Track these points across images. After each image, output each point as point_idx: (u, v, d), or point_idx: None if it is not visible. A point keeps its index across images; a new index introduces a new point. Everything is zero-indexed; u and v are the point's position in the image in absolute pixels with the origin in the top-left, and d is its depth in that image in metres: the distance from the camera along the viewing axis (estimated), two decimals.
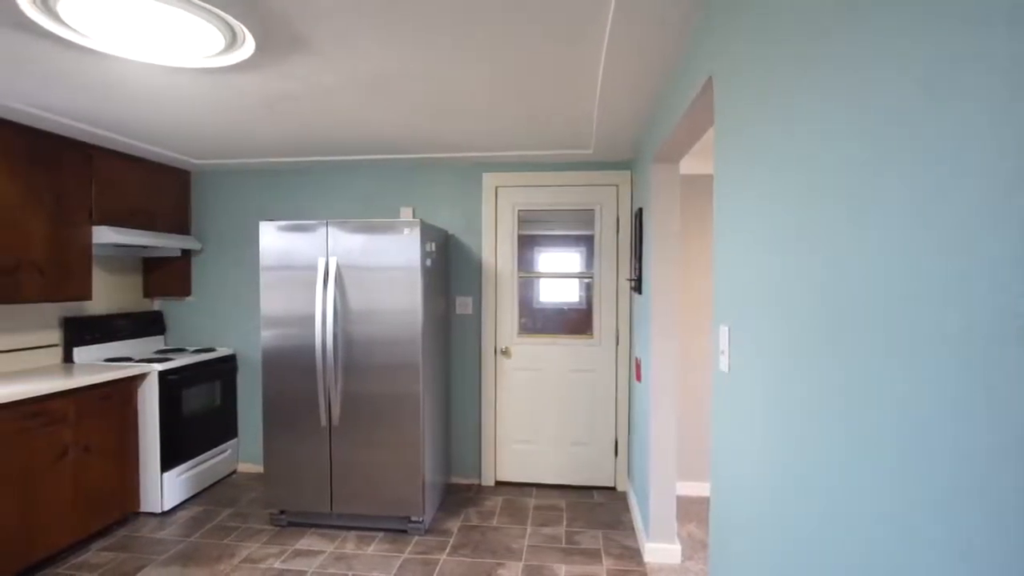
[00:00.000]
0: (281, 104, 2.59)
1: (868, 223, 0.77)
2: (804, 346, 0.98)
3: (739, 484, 1.37)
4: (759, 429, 1.22)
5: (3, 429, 2.50)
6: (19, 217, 2.85)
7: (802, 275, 0.98)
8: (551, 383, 3.80)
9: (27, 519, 2.60)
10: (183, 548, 2.94)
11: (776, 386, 1.12)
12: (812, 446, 0.95)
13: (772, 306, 1.14)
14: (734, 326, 1.42)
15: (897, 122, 0.70)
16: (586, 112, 2.70)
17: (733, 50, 1.39)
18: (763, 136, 1.18)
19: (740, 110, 1.35)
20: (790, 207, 1.04)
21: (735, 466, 1.40)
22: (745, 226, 1.32)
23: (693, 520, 3.28)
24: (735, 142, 1.40)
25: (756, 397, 1.24)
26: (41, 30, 1.81)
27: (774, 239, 1.13)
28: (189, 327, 4.15)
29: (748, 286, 1.30)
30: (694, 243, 3.60)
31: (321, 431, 3.11)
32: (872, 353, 0.76)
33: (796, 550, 1.01)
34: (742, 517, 1.34)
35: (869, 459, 0.77)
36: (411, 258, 3.00)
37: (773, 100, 1.12)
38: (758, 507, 1.22)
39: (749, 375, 1.30)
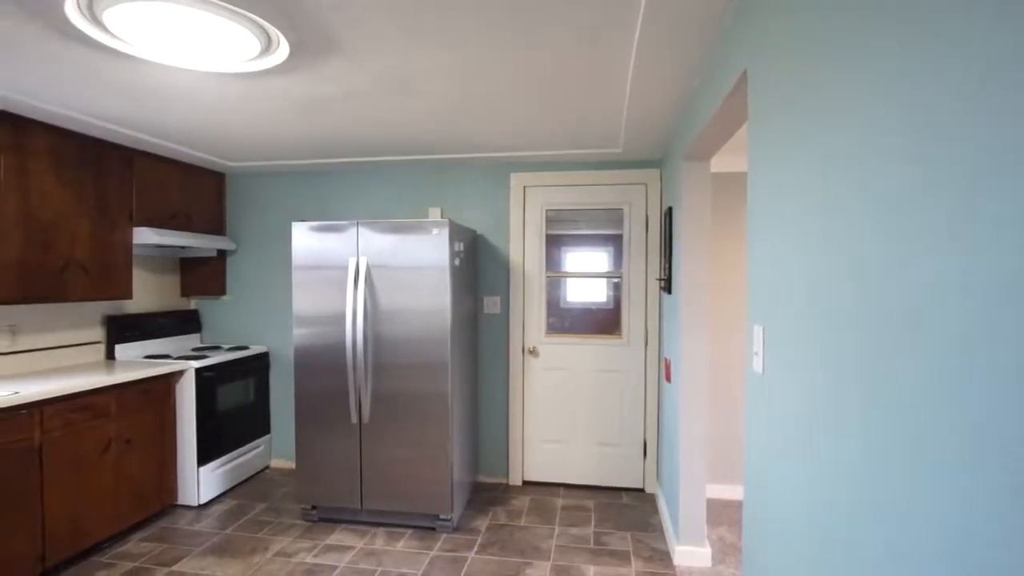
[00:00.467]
0: (313, 106, 2.63)
1: (917, 219, 0.75)
2: (847, 347, 0.96)
3: (774, 488, 1.34)
4: (796, 432, 1.20)
5: (54, 423, 2.60)
6: (67, 219, 2.96)
7: (845, 274, 0.96)
8: (579, 383, 3.79)
9: (75, 509, 2.71)
10: (218, 540, 3.02)
11: (815, 388, 1.09)
12: (854, 450, 0.92)
13: (811, 306, 1.11)
14: (769, 326, 1.40)
15: (946, 115, 0.68)
16: (615, 111, 2.68)
17: (770, 44, 1.36)
18: (801, 132, 1.16)
19: (776, 106, 1.32)
20: (832, 205, 1.02)
21: (770, 469, 1.38)
22: (781, 224, 1.30)
23: (724, 523, 3.23)
24: (770, 139, 1.37)
25: (793, 399, 1.22)
26: (87, 39, 1.87)
27: (813, 237, 1.10)
28: (224, 325, 4.25)
29: (784, 285, 1.28)
30: (725, 242, 3.55)
31: (351, 428, 3.16)
32: (923, 353, 0.74)
33: (835, 558, 0.99)
34: (778, 522, 1.32)
35: (917, 463, 0.74)
36: (440, 258, 3.02)
37: (813, 95, 1.10)
38: (795, 512, 1.20)
39: (785, 376, 1.27)
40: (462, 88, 2.39)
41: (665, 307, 3.40)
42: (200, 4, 1.61)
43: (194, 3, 1.61)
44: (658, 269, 3.66)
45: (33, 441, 2.51)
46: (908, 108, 0.76)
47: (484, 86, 2.36)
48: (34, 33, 1.84)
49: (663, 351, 3.53)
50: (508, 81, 2.30)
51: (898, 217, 0.78)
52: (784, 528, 1.27)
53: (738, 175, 3.55)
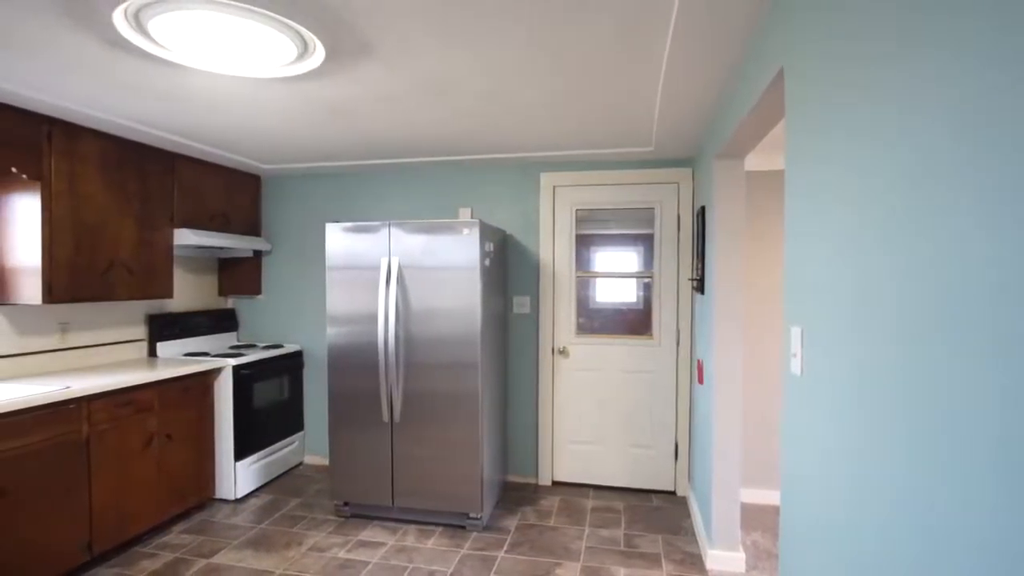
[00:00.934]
0: (346, 109, 2.68)
1: (967, 218, 0.72)
2: (891, 349, 0.93)
3: (813, 494, 1.31)
4: (836, 435, 1.17)
5: (100, 417, 2.70)
6: (112, 222, 3.07)
7: (888, 273, 0.94)
8: (609, 384, 3.77)
9: (120, 500, 2.81)
10: (254, 534, 3.10)
11: (857, 390, 1.07)
12: (899, 456, 0.90)
13: (853, 306, 1.09)
14: (808, 327, 1.37)
15: (997, 112, 0.66)
16: (647, 110, 2.65)
17: (808, 40, 1.34)
18: (842, 130, 1.13)
19: (815, 103, 1.29)
20: (874, 203, 0.99)
21: (808, 474, 1.35)
22: (820, 223, 1.27)
23: (758, 528, 3.17)
24: (809, 137, 1.34)
25: (833, 402, 1.19)
26: (133, 47, 1.94)
27: (855, 236, 1.07)
28: (259, 324, 4.35)
29: (824, 286, 1.25)
30: (759, 242, 3.48)
31: (383, 427, 3.20)
32: (973, 356, 0.71)
33: (876, 567, 0.96)
34: (817, 529, 1.29)
35: (967, 472, 0.72)
36: (470, 258, 3.04)
37: (854, 92, 1.07)
38: (835, 519, 1.17)
39: (825, 378, 1.24)
40: (492, 88, 2.40)
41: (697, 307, 3.35)
42: (241, 12, 1.66)
43: (235, 11, 1.65)
44: (690, 269, 3.61)
45: (81, 434, 2.62)
46: (956, 106, 0.74)
47: (515, 87, 2.37)
48: (84, 43, 1.92)
49: (695, 352, 3.48)
50: (539, 83, 2.30)
51: (947, 216, 0.76)
52: (823, 535, 1.24)
53: (772, 173, 3.48)
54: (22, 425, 2.36)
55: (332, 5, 1.66)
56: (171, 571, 2.70)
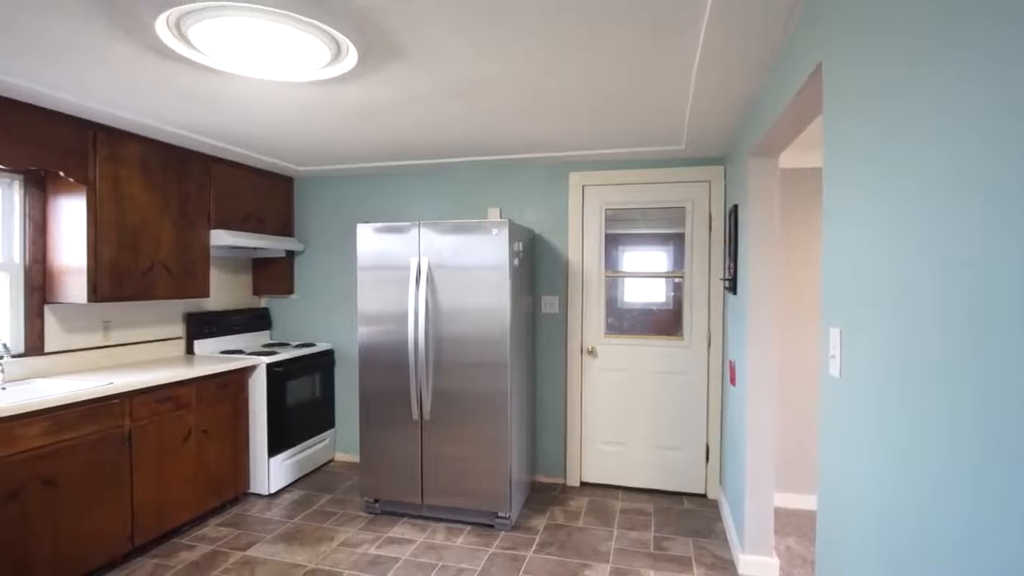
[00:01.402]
0: (377, 111, 2.71)
1: (1016, 215, 0.70)
2: (935, 351, 0.90)
3: (852, 500, 1.28)
4: (877, 440, 1.14)
5: (142, 412, 2.79)
6: (153, 223, 3.17)
7: (935, 273, 0.91)
8: (638, 384, 3.73)
9: (160, 493, 2.90)
10: (287, 529, 3.16)
11: (899, 394, 1.03)
12: (944, 463, 0.87)
13: (895, 307, 1.06)
14: (847, 328, 1.33)
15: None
16: (678, 108, 2.62)
17: (848, 34, 1.30)
18: (885, 126, 1.10)
19: (855, 99, 1.26)
20: (919, 201, 0.96)
21: (847, 480, 1.32)
22: (860, 222, 1.24)
23: (792, 534, 3.11)
24: (849, 134, 1.31)
25: (874, 405, 1.16)
26: (175, 54, 2.00)
27: (897, 235, 1.04)
28: (292, 323, 4.44)
29: (864, 286, 1.22)
30: (794, 241, 3.41)
31: (413, 425, 3.23)
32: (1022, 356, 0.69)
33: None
34: (856, 535, 1.26)
35: (1017, 479, 0.69)
36: (500, 258, 3.05)
37: (898, 87, 1.04)
38: (875, 527, 1.14)
39: (865, 381, 1.21)
40: (522, 89, 2.40)
41: (729, 308, 3.30)
42: (277, 17, 1.69)
43: (272, 16, 1.69)
44: (722, 269, 3.56)
45: (124, 429, 2.71)
46: (1007, 100, 0.71)
47: (544, 86, 2.36)
48: (127, 51, 1.98)
49: (727, 353, 3.43)
50: (569, 81, 2.29)
51: (995, 214, 0.73)
52: (862, 543, 1.21)
53: (807, 171, 3.40)
54: (70, 419, 2.45)
55: (365, 8, 1.68)
56: (208, 563, 2.77)
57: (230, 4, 1.62)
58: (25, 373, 2.84)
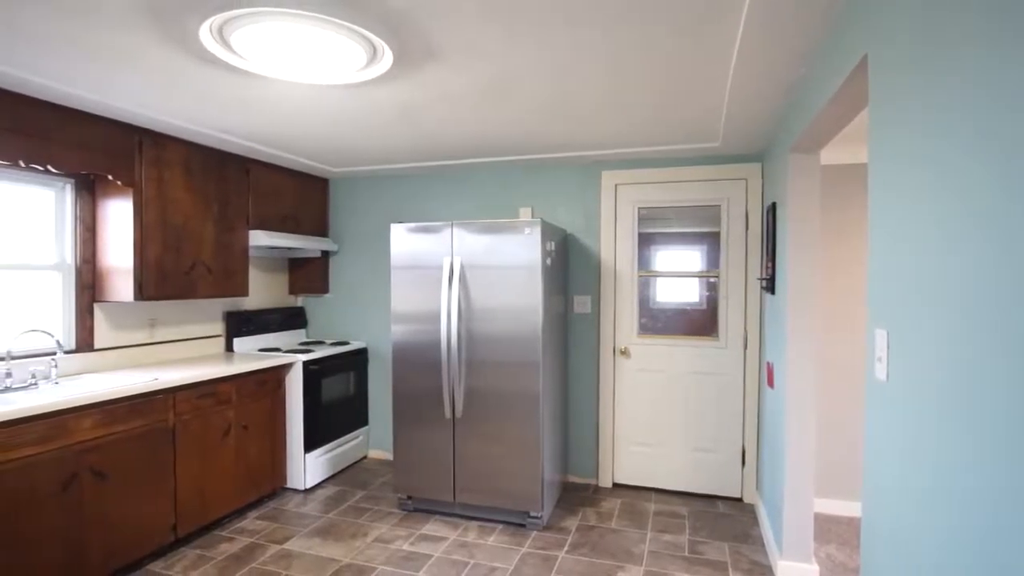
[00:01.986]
0: (410, 112, 2.73)
1: None
2: (992, 353, 0.86)
3: (900, 508, 1.24)
4: (927, 446, 1.09)
5: (185, 407, 2.88)
6: (195, 224, 3.27)
7: (992, 274, 0.86)
8: (672, 385, 3.68)
9: (201, 486, 2.98)
10: (323, 523, 3.22)
11: (951, 398, 0.99)
12: (1000, 471, 0.83)
13: (947, 308, 1.01)
14: (894, 329, 1.29)
15: None
16: (714, 104, 2.57)
17: (896, 26, 1.25)
18: (936, 121, 1.06)
19: (904, 93, 1.21)
20: (975, 198, 0.92)
21: (895, 487, 1.27)
22: (909, 220, 1.19)
23: (833, 541, 3.02)
24: (895, 128, 1.26)
25: (923, 409, 1.12)
26: (217, 60, 2.05)
27: (951, 233, 1.00)
28: (327, 321, 4.52)
29: (913, 287, 1.17)
30: (835, 240, 3.31)
31: (445, 423, 3.26)
32: None
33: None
34: (904, 546, 1.21)
35: None
36: (532, 257, 3.04)
37: (950, 77, 1.00)
38: (925, 537, 1.10)
39: (914, 385, 1.17)
40: (556, 88, 2.39)
41: (767, 308, 3.22)
42: (316, 22, 1.72)
43: (311, 21, 1.72)
44: (759, 268, 3.48)
45: (168, 423, 2.80)
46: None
47: (578, 85, 2.35)
48: (172, 57, 2.04)
49: (764, 354, 3.35)
50: (602, 79, 2.27)
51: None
52: (911, 553, 1.16)
53: (849, 167, 3.30)
54: (118, 413, 2.55)
55: (401, 10, 1.69)
56: (248, 554, 2.84)
57: (271, 10, 1.66)
58: (76, 368, 2.96)
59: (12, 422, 2.16)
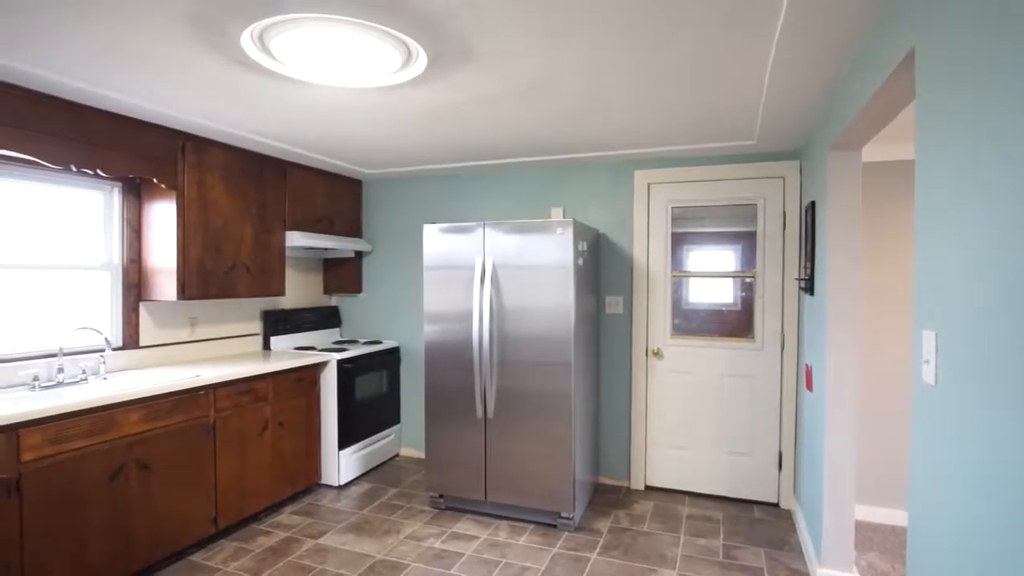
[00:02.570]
0: (444, 114, 2.76)
1: None
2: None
3: (949, 518, 1.19)
4: (978, 453, 1.05)
5: (225, 403, 2.97)
6: (233, 225, 3.36)
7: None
8: (706, 387, 3.62)
9: (240, 480, 3.06)
10: (356, 520, 3.27)
11: (1006, 403, 0.95)
12: None
13: (1000, 309, 0.97)
14: (943, 331, 1.24)
15: None
16: (751, 101, 2.52)
17: (946, 18, 1.21)
18: (985, 116, 1.01)
19: (954, 87, 1.17)
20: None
21: (943, 495, 1.22)
22: (959, 218, 1.15)
23: (874, 549, 2.93)
24: (945, 124, 1.22)
25: (974, 414, 1.07)
26: (257, 65, 2.11)
27: (1003, 231, 0.96)
28: (360, 321, 4.59)
29: (964, 286, 1.13)
30: (876, 239, 3.21)
31: (477, 423, 3.27)
32: None
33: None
34: (953, 558, 1.17)
35: None
36: (564, 257, 3.04)
37: (1004, 70, 0.96)
38: (976, 548, 1.05)
39: (965, 389, 1.12)
40: (589, 87, 2.37)
41: (806, 309, 3.14)
42: (354, 26, 1.75)
43: (349, 26, 1.75)
44: (797, 268, 3.40)
45: (209, 418, 2.88)
46: None
47: (612, 83, 2.33)
48: (214, 64, 2.11)
49: (802, 356, 3.27)
50: (637, 77, 2.25)
51: None
52: (960, 565, 1.12)
53: (891, 164, 3.19)
54: (162, 408, 2.64)
55: (437, 13, 1.71)
56: (284, 548, 2.91)
57: (311, 15, 1.70)
58: (122, 365, 3.07)
59: (66, 415, 2.26)
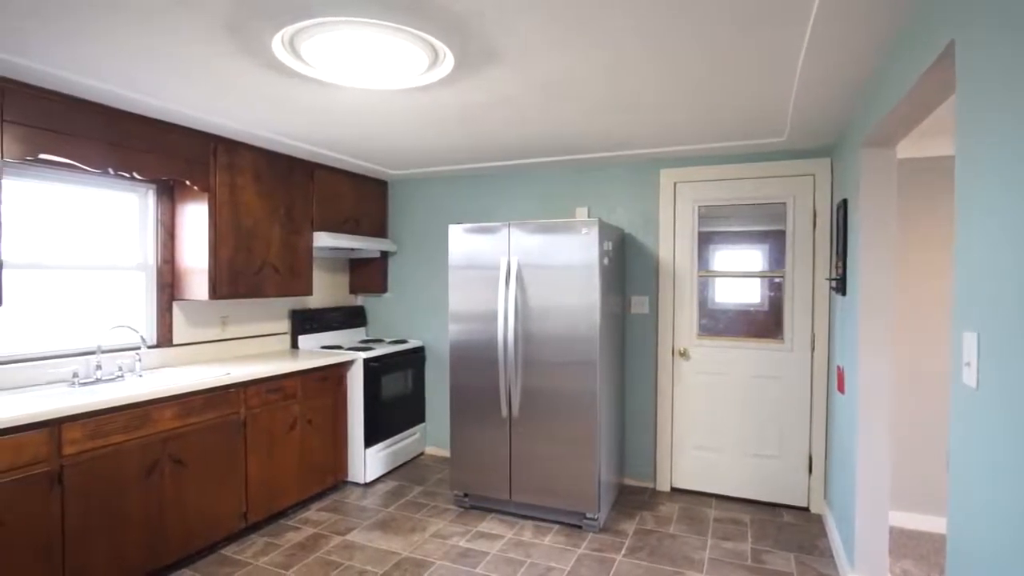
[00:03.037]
0: (469, 114, 2.77)
1: None
2: None
3: (991, 527, 1.15)
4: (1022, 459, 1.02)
5: (254, 401, 3.02)
6: (263, 226, 3.42)
7: None
8: (734, 389, 3.57)
9: (269, 476, 3.12)
10: (382, 517, 3.30)
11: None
12: None
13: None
14: (986, 332, 1.20)
15: None
16: (781, 97, 2.48)
17: (988, 9, 1.17)
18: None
19: (996, 80, 1.13)
20: None
21: (985, 503, 1.19)
22: (1003, 215, 1.11)
23: (909, 556, 2.85)
24: (987, 118, 1.18)
25: (1019, 419, 1.04)
26: (287, 69, 2.14)
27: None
28: (385, 320, 4.64)
29: (1009, 286, 1.09)
30: (910, 237, 3.13)
31: (502, 422, 3.28)
32: None
33: None
34: (996, 568, 1.13)
35: None
36: (589, 257, 3.02)
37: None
38: (1020, 561, 1.02)
39: (1011, 393, 1.09)
40: (614, 86, 2.36)
41: (837, 309, 3.08)
42: (383, 29, 1.77)
43: (378, 28, 1.76)
44: (828, 268, 3.33)
45: (240, 415, 2.94)
46: None
47: (637, 83, 2.31)
48: (246, 68, 2.15)
49: (833, 358, 3.20)
50: (663, 74, 2.23)
51: None
52: (1004, 575, 1.08)
53: (927, 160, 3.11)
54: (195, 405, 2.70)
55: (465, 14, 1.72)
56: (312, 544, 2.95)
57: (341, 19, 1.72)
58: (156, 363, 3.15)
59: (104, 411, 2.33)
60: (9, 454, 2.04)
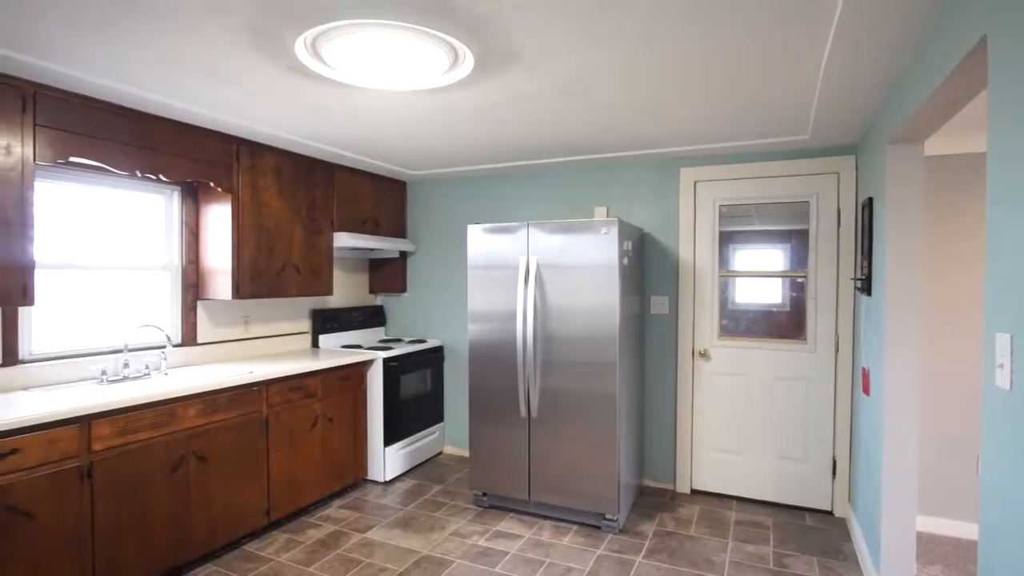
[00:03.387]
0: (487, 114, 2.77)
1: None
2: None
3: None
4: None
5: (276, 399, 3.06)
6: (284, 227, 3.46)
7: None
8: (755, 390, 3.53)
9: (291, 474, 3.16)
10: (402, 515, 3.32)
11: None
12: None
13: None
14: (1019, 333, 1.17)
15: None
16: (804, 94, 2.44)
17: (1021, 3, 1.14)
18: None
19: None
20: None
21: (1021, 507, 1.15)
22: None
23: (937, 562, 2.79)
24: (1022, 113, 1.15)
25: None
26: (309, 72, 2.17)
27: None
28: (404, 320, 4.66)
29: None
30: (938, 235, 3.06)
31: (521, 422, 3.28)
32: None
33: None
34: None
35: None
36: (609, 257, 3.01)
37: None
38: None
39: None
40: (633, 86, 2.34)
41: (862, 310, 3.02)
42: (405, 31, 1.78)
43: (399, 30, 1.78)
44: (853, 268, 3.27)
45: (262, 413, 2.98)
46: None
47: (656, 82, 2.29)
48: (268, 71, 2.18)
49: (858, 359, 3.15)
50: (683, 72, 2.21)
51: None
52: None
53: (956, 158, 3.04)
54: (219, 403, 2.74)
55: (485, 15, 1.72)
56: (333, 541, 2.98)
57: (363, 21, 1.73)
58: (181, 361, 3.21)
59: (132, 408, 2.38)
60: (41, 449, 2.09)
